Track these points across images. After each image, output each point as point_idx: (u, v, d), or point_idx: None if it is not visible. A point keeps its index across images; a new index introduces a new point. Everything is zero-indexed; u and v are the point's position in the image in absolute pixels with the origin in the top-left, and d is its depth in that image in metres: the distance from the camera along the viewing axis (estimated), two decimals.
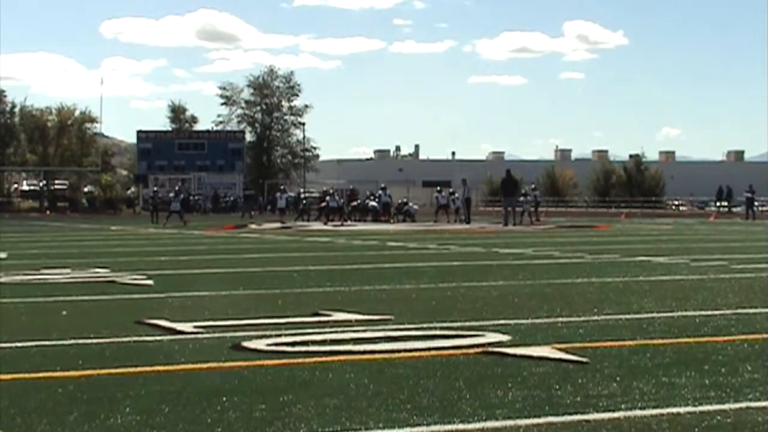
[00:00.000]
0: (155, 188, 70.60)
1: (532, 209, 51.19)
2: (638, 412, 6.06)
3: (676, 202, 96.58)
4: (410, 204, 58.97)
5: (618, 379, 7.05)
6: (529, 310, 11.29)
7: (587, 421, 5.85)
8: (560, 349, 8.27)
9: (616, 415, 6.00)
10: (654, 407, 6.19)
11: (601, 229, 41.80)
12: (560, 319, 10.45)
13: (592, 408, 6.17)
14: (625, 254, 21.95)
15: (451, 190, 59.67)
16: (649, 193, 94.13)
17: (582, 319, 10.51)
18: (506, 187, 45.44)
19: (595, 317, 10.67)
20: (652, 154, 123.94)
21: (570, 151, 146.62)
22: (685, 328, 9.85)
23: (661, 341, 8.91)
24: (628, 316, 10.71)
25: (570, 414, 6.01)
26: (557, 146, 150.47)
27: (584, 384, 6.87)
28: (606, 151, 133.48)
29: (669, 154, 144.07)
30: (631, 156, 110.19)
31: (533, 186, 57.81)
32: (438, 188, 59.26)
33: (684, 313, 10.98)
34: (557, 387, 6.77)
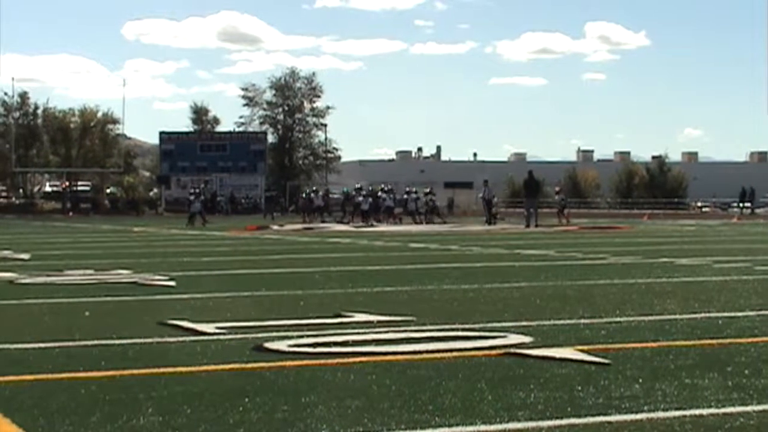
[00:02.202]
0: (197, 188, 70.97)
1: (558, 210, 51.08)
2: (661, 414, 6.04)
3: (699, 204, 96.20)
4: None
5: (640, 380, 7.03)
6: (552, 311, 11.27)
7: (609, 422, 5.83)
8: (582, 351, 8.25)
9: (638, 416, 5.98)
10: (677, 409, 6.17)
11: (624, 230, 41.71)
12: (583, 321, 10.43)
13: (614, 410, 6.15)
14: (648, 255, 21.89)
15: (418, 189, 58.33)
16: (672, 195, 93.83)
17: (604, 320, 10.48)
18: (529, 189, 45.37)
19: (618, 318, 10.64)
20: (674, 155, 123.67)
21: (592, 152, 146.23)
22: (708, 329, 9.82)
23: (684, 343, 8.88)
24: (650, 318, 10.68)
25: (592, 415, 5.99)
26: (579, 147, 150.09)
27: (606, 385, 6.85)
28: (628, 153, 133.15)
29: (692, 155, 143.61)
30: (653, 157, 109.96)
31: (558, 189, 57.80)
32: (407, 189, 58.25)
33: (707, 315, 10.93)
34: (579, 388, 6.75)
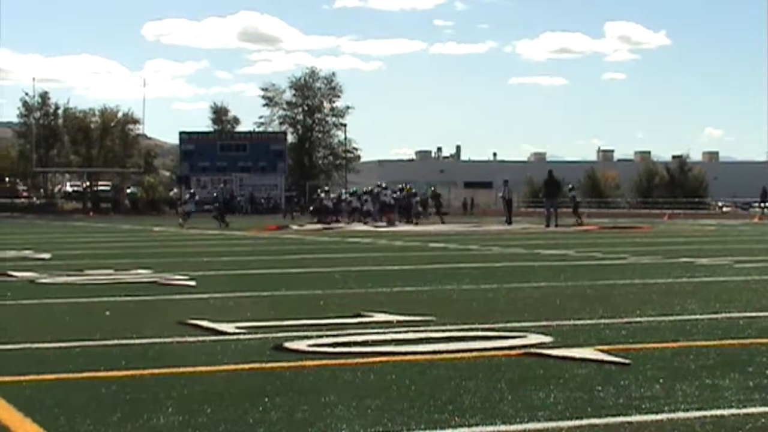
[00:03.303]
0: (192, 190, 70.99)
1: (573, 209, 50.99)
2: (681, 414, 6.02)
3: (720, 203, 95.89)
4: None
5: (661, 380, 7.01)
6: (572, 311, 11.24)
7: (630, 423, 5.82)
8: (603, 351, 8.23)
9: (659, 417, 5.96)
10: (697, 409, 6.14)
11: (644, 230, 41.60)
12: (603, 321, 10.40)
13: (634, 410, 6.14)
14: (668, 255, 21.83)
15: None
16: (692, 194, 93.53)
17: (624, 320, 10.46)
18: (548, 188, 45.33)
19: (638, 319, 10.62)
20: (695, 155, 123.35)
21: (612, 151, 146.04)
22: (728, 329, 9.78)
23: (704, 343, 8.85)
24: (671, 318, 10.65)
25: (612, 416, 5.98)
26: (599, 147, 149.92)
27: (627, 386, 6.84)
28: (648, 152, 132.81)
29: (712, 155, 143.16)
30: (674, 157, 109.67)
31: (570, 186, 57.62)
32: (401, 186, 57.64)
33: (728, 315, 10.89)
34: (599, 389, 6.74)
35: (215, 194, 55.96)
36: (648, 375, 7.23)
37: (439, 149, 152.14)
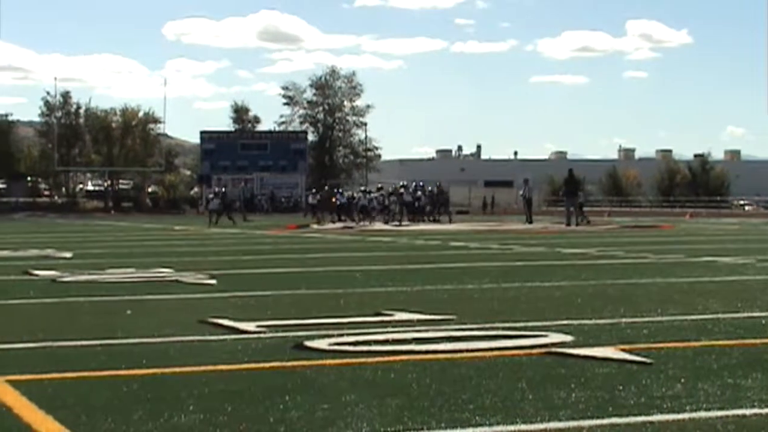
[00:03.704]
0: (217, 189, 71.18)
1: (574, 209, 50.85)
2: (703, 414, 5.99)
3: (742, 202, 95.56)
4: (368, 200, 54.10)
5: (682, 380, 6.98)
6: (593, 310, 11.22)
7: (651, 422, 5.80)
8: (624, 350, 8.21)
9: (680, 416, 5.94)
10: (719, 409, 6.12)
11: (666, 229, 41.48)
12: (624, 320, 10.37)
13: (656, 409, 6.11)
14: (690, 254, 21.76)
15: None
16: (714, 193, 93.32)
17: (646, 319, 10.43)
18: (568, 187, 45.27)
19: (660, 318, 10.58)
20: (717, 153, 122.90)
21: (634, 150, 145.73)
22: (751, 329, 9.74)
23: (726, 342, 8.81)
24: (693, 317, 10.61)
25: (634, 415, 5.96)
26: (621, 146, 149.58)
27: (648, 385, 6.81)
28: (670, 151, 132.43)
29: (734, 153, 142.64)
30: (696, 155, 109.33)
31: None
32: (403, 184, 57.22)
33: (750, 314, 10.85)
34: (621, 388, 6.72)
35: (212, 193, 56.27)
36: (670, 374, 7.20)
37: (460, 148, 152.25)
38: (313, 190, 63.94)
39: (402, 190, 54.76)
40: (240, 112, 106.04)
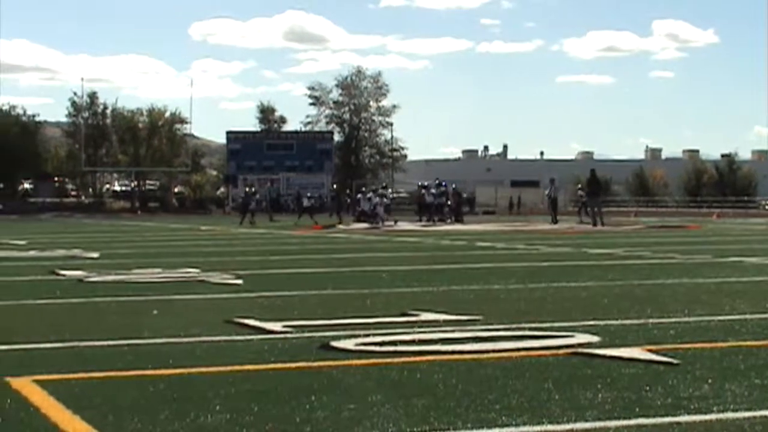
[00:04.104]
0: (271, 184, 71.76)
1: (578, 208, 50.77)
2: (730, 415, 5.97)
3: None
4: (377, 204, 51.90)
5: (710, 381, 6.95)
6: (619, 310, 11.19)
7: (678, 423, 5.78)
8: (651, 351, 8.19)
9: (707, 417, 5.92)
10: (746, 410, 6.10)
11: (693, 229, 41.32)
12: (651, 320, 10.34)
13: (683, 410, 6.09)
14: (717, 255, 21.67)
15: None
16: (742, 193, 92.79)
17: (673, 320, 10.39)
18: (591, 188, 45.19)
19: (687, 318, 10.55)
20: (744, 153, 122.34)
21: (660, 150, 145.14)
22: None
23: (754, 343, 8.78)
24: (720, 318, 10.56)
25: (660, 416, 5.94)
26: (647, 146, 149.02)
27: (675, 386, 6.79)
28: (697, 151, 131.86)
29: (762, 153, 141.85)
30: (723, 155, 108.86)
31: (579, 186, 56.88)
32: (424, 184, 56.46)
33: None
34: (647, 388, 6.70)
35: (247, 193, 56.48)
36: (697, 375, 7.18)
37: (486, 148, 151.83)
38: (308, 195, 63.66)
39: (423, 191, 54.53)
40: (266, 113, 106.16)
